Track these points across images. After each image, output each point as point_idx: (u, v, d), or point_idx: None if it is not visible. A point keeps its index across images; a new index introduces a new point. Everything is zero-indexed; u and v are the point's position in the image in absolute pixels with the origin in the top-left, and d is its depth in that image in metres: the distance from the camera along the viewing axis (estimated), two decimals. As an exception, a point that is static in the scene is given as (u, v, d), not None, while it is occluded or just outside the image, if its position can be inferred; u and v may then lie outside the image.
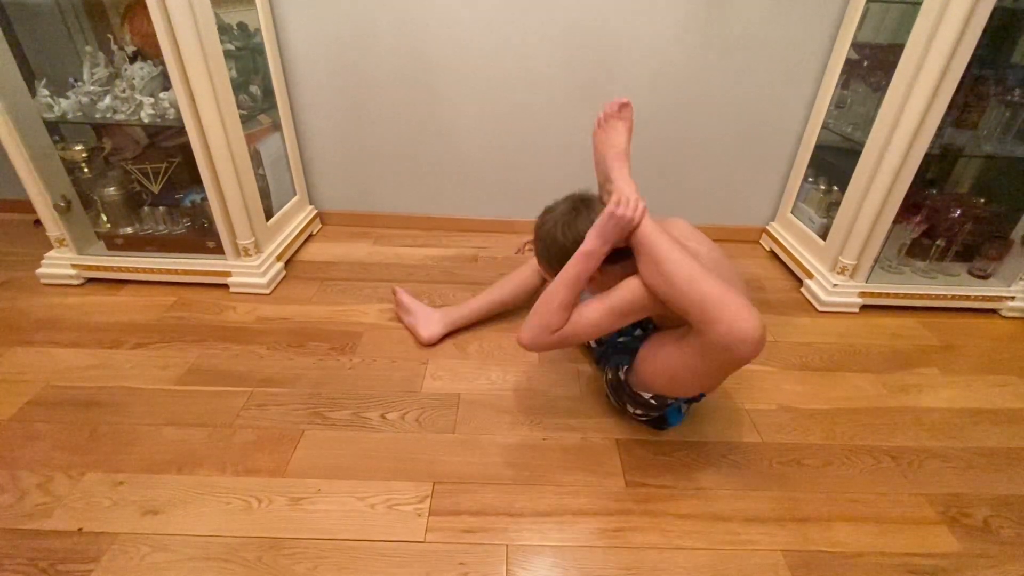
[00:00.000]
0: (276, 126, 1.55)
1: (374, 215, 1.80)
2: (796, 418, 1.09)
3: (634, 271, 0.86)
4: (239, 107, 1.36)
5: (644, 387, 0.93)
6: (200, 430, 1.00)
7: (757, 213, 1.81)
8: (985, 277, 1.49)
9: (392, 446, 0.98)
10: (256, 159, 1.44)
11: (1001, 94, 1.31)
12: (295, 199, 1.64)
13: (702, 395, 0.99)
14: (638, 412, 1.00)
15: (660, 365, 0.87)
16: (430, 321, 1.25)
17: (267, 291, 1.41)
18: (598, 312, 0.87)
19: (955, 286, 1.45)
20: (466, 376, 1.16)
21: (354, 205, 1.79)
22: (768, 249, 1.78)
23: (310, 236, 1.72)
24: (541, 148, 1.68)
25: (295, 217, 1.64)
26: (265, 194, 1.48)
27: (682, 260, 0.78)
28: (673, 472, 0.96)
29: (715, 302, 0.73)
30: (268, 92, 1.50)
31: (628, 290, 0.85)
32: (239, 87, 1.39)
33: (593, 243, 0.85)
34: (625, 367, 0.96)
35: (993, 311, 1.48)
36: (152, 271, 1.40)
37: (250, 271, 1.40)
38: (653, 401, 0.94)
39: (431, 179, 1.74)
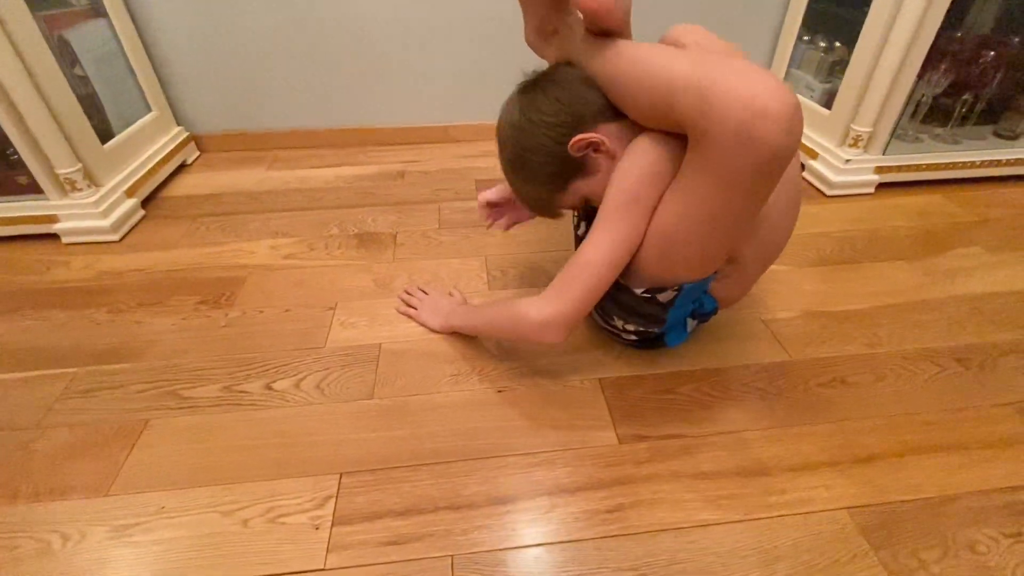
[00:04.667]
0: (98, 11, 1.11)
1: (269, 134, 1.41)
2: (828, 324, 0.83)
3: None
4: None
5: (638, 274, 0.62)
6: (-13, 439, 0.67)
7: (740, 93, 1.50)
8: (1015, 137, 1.24)
9: (280, 428, 0.67)
10: (66, 53, 1.02)
11: None
12: (151, 116, 1.23)
13: (715, 308, 0.71)
14: (629, 328, 0.71)
15: (655, 227, 0.57)
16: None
17: (115, 237, 1.04)
18: (605, 244, 0.58)
19: (985, 149, 1.20)
20: (390, 319, 0.85)
21: (241, 123, 1.39)
22: (756, 134, 1.49)
23: (183, 166, 1.32)
24: (476, 26, 1.30)
25: (153, 140, 1.24)
26: (94, 106, 1.07)
27: (651, 51, 0.53)
28: (681, 415, 0.69)
29: (708, 75, 0.46)
30: (73, -42, 1.06)
31: (624, 175, 0.57)
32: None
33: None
34: None
35: (1020, 177, 1.25)
36: (-55, 226, 1.01)
37: (85, 212, 1.01)
38: (652, 297, 0.64)
39: (340, 83, 1.35)
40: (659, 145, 0.55)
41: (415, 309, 0.85)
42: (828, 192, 1.19)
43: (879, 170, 1.18)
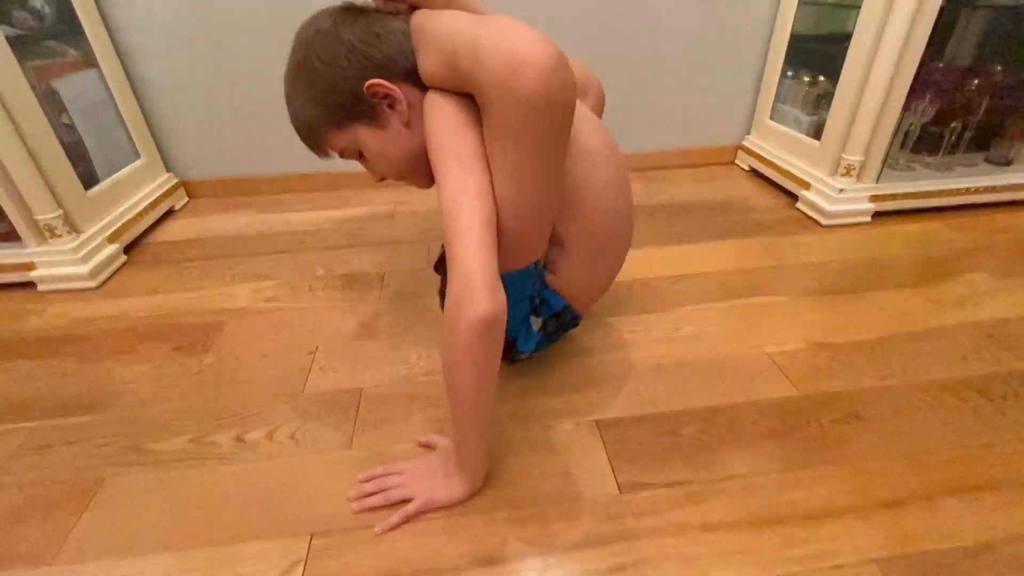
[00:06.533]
0: (90, 62, 1.13)
1: (258, 179, 1.41)
2: (836, 356, 0.79)
3: None
4: (15, 25, 0.95)
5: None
6: (-72, 504, 0.61)
7: (727, 128, 1.51)
8: (1007, 163, 1.24)
9: (248, 484, 0.62)
10: (54, 102, 1.03)
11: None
12: (138, 163, 1.23)
13: (565, 307, 0.66)
14: None
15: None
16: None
17: (93, 283, 1.01)
18: (451, 182, 0.50)
19: (979, 176, 1.19)
20: (373, 362, 0.81)
21: (231, 168, 1.39)
22: (747, 168, 1.49)
23: (171, 212, 1.31)
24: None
25: (140, 187, 1.23)
26: (79, 153, 1.07)
27: (446, 17, 0.54)
28: (685, 458, 0.64)
29: (479, 33, 0.47)
30: (68, 11, 1.07)
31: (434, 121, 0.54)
32: (7, -3, 0.98)
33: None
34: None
35: (1017, 203, 1.23)
36: (-82, 277, 0.98)
37: (63, 258, 0.99)
38: None
39: (326, 124, 1.36)
40: (451, 98, 0.53)
41: (399, 489, 0.58)
42: (824, 222, 1.17)
43: (874, 199, 1.16)
